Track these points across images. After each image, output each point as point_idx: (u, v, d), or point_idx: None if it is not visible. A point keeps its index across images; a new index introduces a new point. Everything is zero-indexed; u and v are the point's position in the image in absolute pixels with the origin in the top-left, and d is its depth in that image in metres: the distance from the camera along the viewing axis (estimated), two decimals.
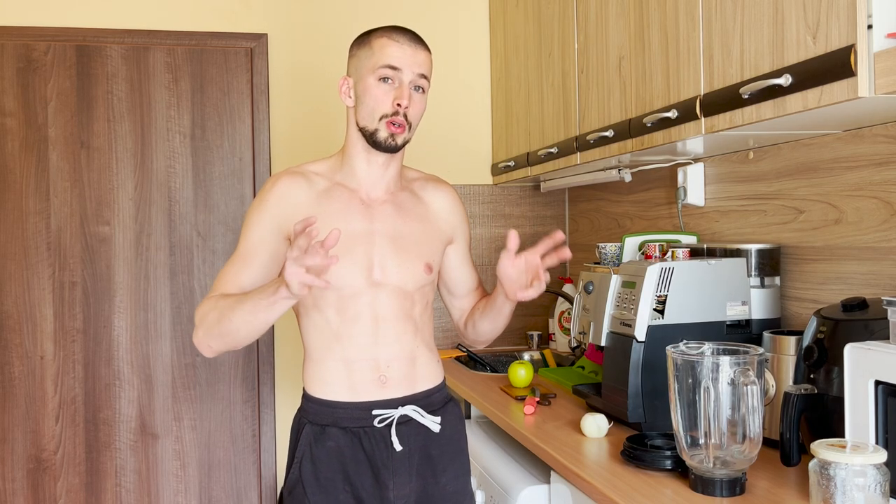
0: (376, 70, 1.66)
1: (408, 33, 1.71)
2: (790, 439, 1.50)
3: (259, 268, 1.68)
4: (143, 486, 3.14)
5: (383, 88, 1.67)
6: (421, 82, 1.69)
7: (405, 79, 1.67)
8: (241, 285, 1.66)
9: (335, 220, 1.70)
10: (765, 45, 1.54)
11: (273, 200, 1.70)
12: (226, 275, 1.68)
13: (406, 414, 1.71)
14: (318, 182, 1.75)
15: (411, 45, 1.68)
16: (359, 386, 1.71)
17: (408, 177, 1.87)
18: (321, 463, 1.69)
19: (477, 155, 3.42)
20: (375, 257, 1.71)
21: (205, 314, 1.63)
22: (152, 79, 3.15)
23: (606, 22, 2.26)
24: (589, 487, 1.59)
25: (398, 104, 1.66)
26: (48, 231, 3.07)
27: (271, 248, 1.69)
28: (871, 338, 1.41)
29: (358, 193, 1.75)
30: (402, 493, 1.69)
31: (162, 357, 3.16)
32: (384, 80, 1.67)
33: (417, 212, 1.80)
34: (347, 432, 1.70)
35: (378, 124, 1.68)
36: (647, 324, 1.88)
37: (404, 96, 1.66)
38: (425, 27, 3.41)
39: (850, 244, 1.81)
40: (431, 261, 1.78)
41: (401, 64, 1.66)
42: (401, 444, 1.69)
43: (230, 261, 1.71)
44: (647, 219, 2.75)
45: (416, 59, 1.68)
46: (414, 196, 1.82)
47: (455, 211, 1.88)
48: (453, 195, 1.89)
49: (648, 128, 1.98)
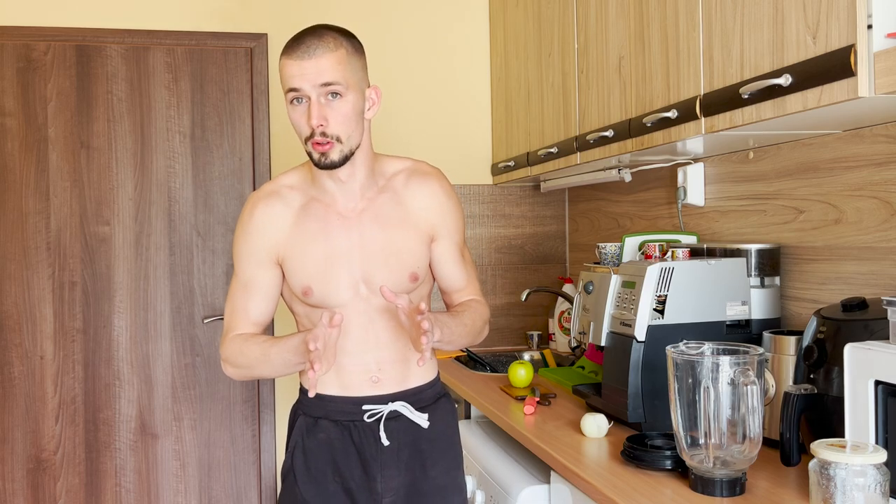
0: (286, 94, 1.61)
1: (304, 41, 1.58)
2: (790, 439, 1.50)
3: (263, 297, 1.74)
4: (143, 486, 3.14)
5: (298, 111, 1.60)
6: (331, 89, 1.58)
7: (311, 94, 1.57)
8: (251, 315, 1.74)
9: (315, 240, 1.69)
10: (765, 45, 1.54)
11: (256, 232, 1.71)
12: (235, 312, 1.75)
13: (395, 410, 1.73)
14: (293, 199, 1.72)
15: (307, 57, 1.57)
16: (350, 385, 1.73)
17: (388, 171, 1.76)
18: (312, 454, 1.73)
19: (477, 155, 3.42)
20: (358, 273, 1.70)
21: (234, 357, 1.72)
22: (152, 79, 3.15)
23: (606, 22, 2.26)
24: (589, 487, 1.59)
25: (311, 125, 1.58)
26: (48, 231, 3.07)
27: (267, 275, 1.73)
28: (871, 338, 1.41)
29: (334, 207, 1.71)
30: (390, 486, 1.72)
31: (162, 357, 3.16)
32: (296, 102, 1.60)
33: (398, 217, 1.73)
34: (338, 425, 1.73)
35: (307, 146, 1.61)
36: (647, 324, 1.88)
37: (313, 115, 1.57)
38: (425, 27, 3.42)
39: (850, 244, 1.81)
40: (416, 268, 1.74)
41: (298, 83, 1.57)
42: (389, 439, 1.71)
43: (233, 292, 1.76)
44: (647, 219, 2.75)
45: (316, 70, 1.56)
46: (394, 197, 1.74)
47: (434, 206, 1.76)
48: (436, 187, 1.77)
49: (648, 128, 1.98)
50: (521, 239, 3.45)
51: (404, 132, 3.33)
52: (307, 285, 1.69)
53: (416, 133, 3.35)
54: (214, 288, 3.21)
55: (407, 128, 3.34)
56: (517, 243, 3.44)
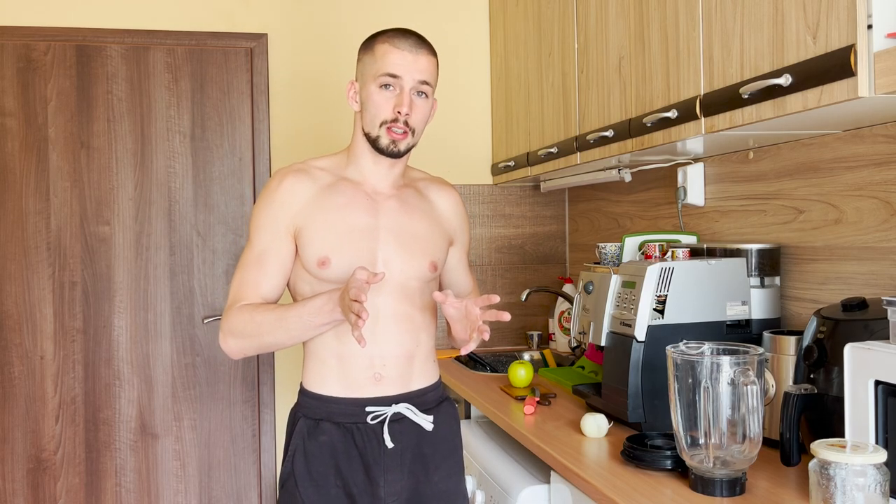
0: (378, 77, 1.67)
1: (411, 38, 1.70)
2: (790, 439, 1.50)
3: (276, 271, 1.71)
4: (143, 486, 3.14)
5: (384, 95, 1.68)
6: (423, 88, 1.69)
7: (406, 85, 1.67)
8: (262, 289, 1.70)
9: (339, 213, 1.71)
10: (765, 45, 1.54)
11: (280, 200, 1.72)
12: (245, 283, 1.70)
13: (399, 412, 1.72)
14: (321, 177, 1.76)
15: (412, 52, 1.68)
16: (353, 382, 1.71)
17: (412, 176, 1.87)
18: (313, 457, 1.71)
19: (477, 155, 3.42)
20: (379, 253, 1.71)
21: (241, 327, 1.66)
22: (152, 79, 3.15)
23: (606, 22, 2.26)
24: (589, 487, 1.59)
25: (398, 111, 1.67)
26: (48, 231, 3.07)
27: (284, 249, 1.71)
28: (871, 338, 1.41)
29: (363, 187, 1.76)
30: (393, 490, 1.70)
31: (162, 357, 3.16)
32: (385, 87, 1.68)
33: (423, 209, 1.81)
34: (340, 427, 1.71)
35: (379, 131, 1.69)
36: (647, 324, 1.88)
37: (404, 103, 1.66)
38: (425, 27, 3.41)
39: (850, 244, 1.81)
40: (436, 259, 1.78)
41: (401, 71, 1.66)
42: (393, 441, 1.69)
43: (245, 264, 1.72)
44: (647, 219, 2.75)
45: (417, 66, 1.68)
46: (419, 194, 1.83)
47: (458, 213, 1.89)
48: (457, 198, 1.90)
49: (648, 128, 1.98)
50: (521, 239, 3.45)
51: None
52: (325, 255, 1.68)
53: None
54: (214, 288, 3.21)
55: None
56: (517, 243, 3.44)
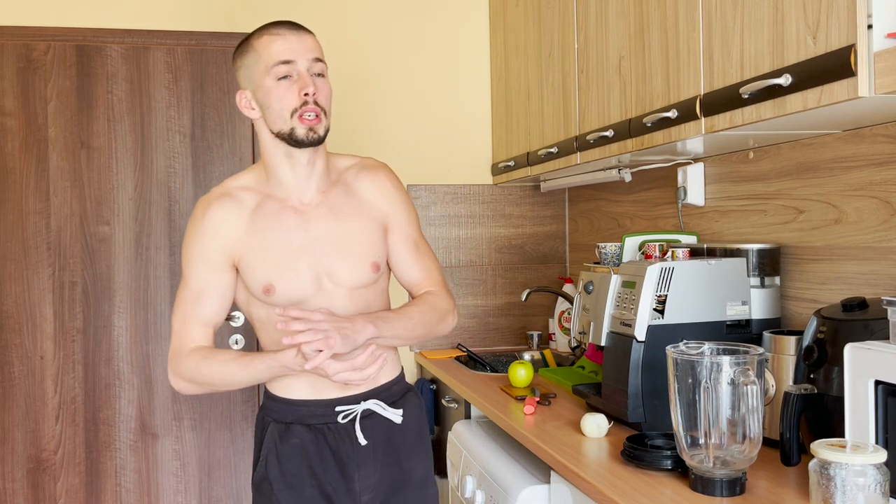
0: (270, 70, 1.61)
1: (286, 23, 1.66)
2: (790, 439, 1.50)
3: (216, 302, 1.69)
4: (143, 486, 3.14)
5: (284, 86, 1.62)
6: (318, 67, 1.64)
7: (302, 67, 1.62)
8: (205, 322, 1.68)
9: (273, 234, 1.67)
10: (765, 45, 1.54)
11: (211, 232, 1.68)
12: (187, 320, 1.67)
13: (369, 408, 1.73)
14: (247, 199, 1.70)
15: (295, 34, 1.64)
16: (321, 385, 1.72)
17: (339, 167, 1.79)
18: (287, 460, 1.71)
19: (477, 155, 3.42)
20: (321, 267, 1.69)
21: (192, 375, 1.64)
22: (152, 79, 3.15)
23: (606, 22, 2.26)
24: (589, 487, 1.59)
25: (305, 94, 1.60)
26: (48, 231, 3.07)
27: (223, 281, 1.69)
28: (871, 338, 1.41)
29: (289, 202, 1.71)
30: (367, 484, 1.72)
31: (162, 357, 3.16)
32: (283, 78, 1.62)
33: (352, 207, 1.74)
34: (312, 429, 1.72)
35: (292, 122, 1.62)
36: (647, 324, 1.88)
37: (308, 84, 1.61)
38: (425, 27, 3.42)
39: (850, 244, 1.81)
40: (377, 258, 1.75)
41: (292, 55, 1.61)
42: (365, 437, 1.71)
43: (184, 301, 1.69)
44: (647, 219, 2.75)
45: (304, 45, 1.63)
46: (347, 190, 1.76)
47: (385, 194, 1.79)
48: (383, 178, 1.80)
49: (648, 128, 1.98)
50: (521, 239, 3.45)
51: (404, 132, 3.33)
52: (269, 283, 1.66)
53: (415, 133, 3.35)
54: None
55: (407, 127, 3.34)
56: (517, 243, 3.44)
